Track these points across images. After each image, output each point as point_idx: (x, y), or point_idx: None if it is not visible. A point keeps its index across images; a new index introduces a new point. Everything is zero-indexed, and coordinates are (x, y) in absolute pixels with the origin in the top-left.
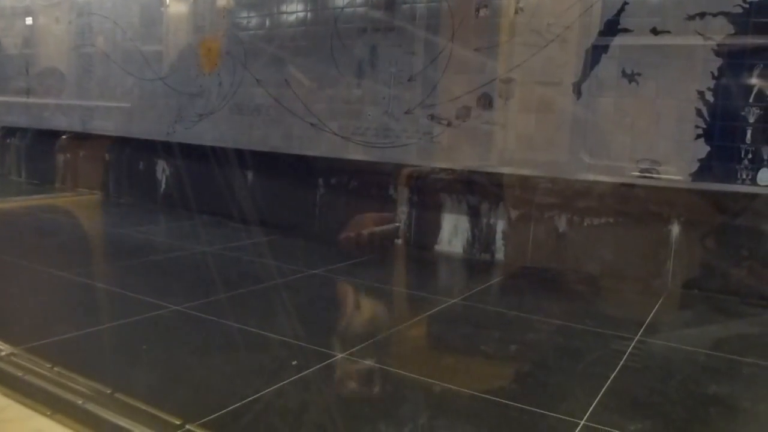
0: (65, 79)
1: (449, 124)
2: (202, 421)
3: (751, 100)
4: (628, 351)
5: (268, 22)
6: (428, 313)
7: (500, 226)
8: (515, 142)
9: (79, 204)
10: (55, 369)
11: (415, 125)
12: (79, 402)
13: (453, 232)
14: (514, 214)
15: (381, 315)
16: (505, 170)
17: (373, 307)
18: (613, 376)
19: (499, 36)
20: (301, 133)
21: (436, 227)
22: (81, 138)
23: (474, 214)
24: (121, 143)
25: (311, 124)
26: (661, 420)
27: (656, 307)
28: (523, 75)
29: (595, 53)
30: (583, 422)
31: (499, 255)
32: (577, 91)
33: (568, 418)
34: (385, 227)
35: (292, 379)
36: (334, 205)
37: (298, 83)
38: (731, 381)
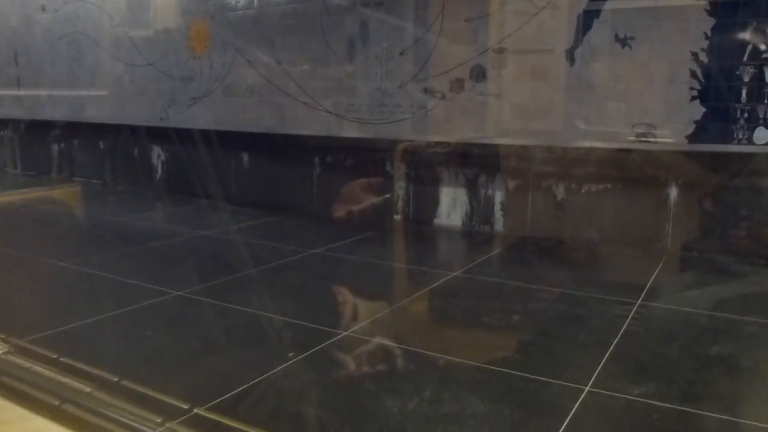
0: (55, 68)
1: (443, 97)
2: (210, 404)
3: (745, 59)
4: (630, 315)
5: (256, 2)
6: (430, 287)
7: (498, 197)
8: (510, 113)
9: (75, 194)
10: (61, 359)
11: (409, 99)
12: (87, 390)
13: (451, 206)
14: (511, 184)
15: (383, 291)
16: (501, 141)
17: (375, 283)
18: (615, 341)
19: (490, 5)
20: (294, 112)
21: (435, 201)
22: (74, 127)
23: (471, 187)
24: (115, 131)
25: (304, 103)
26: (664, 383)
27: (656, 270)
28: (516, 44)
29: (587, 18)
30: (587, 388)
31: (498, 226)
32: (571, 57)
33: (572, 385)
34: (375, 200)
35: (298, 359)
36: (331, 183)
37: (290, 62)
38: (733, 341)
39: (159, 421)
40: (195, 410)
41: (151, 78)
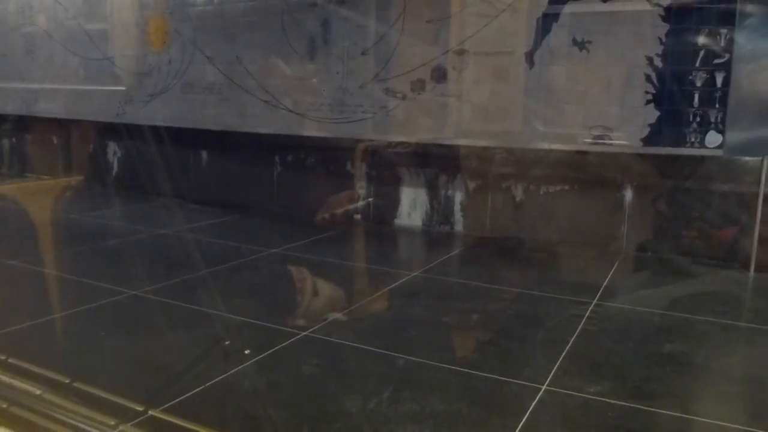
0: (6, 60)
1: (404, 98)
2: (166, 406)
3: (697, 65)
4: (586, 315)
5: None
6: (390, 287)
7: (458, 197)
8: (470, 114)
9: (27, 190)
10: (10, 361)
11: (370, 99)
12: (38, 392)
13: (412, 206)
14: (471, 185)
15: (343, 291)
16: (462, 142)
17: (335, 283)
18: (572, 340)
19: (451, 7)
20: (254, 110)
21: (395, 201)
22: (26, 121)
23: (432, 187)
24: (70, 126)
25: (265, 102)
26: (619, 381)
27: (612, 270)
28: (476, 46)
29: (546, 22)
30: (544, 387)
31: (458, 226)
32: (530, 60)
33: (530, 384)
34: (357, 204)
35: (257, 359)
36: (291, 182)
37: (250, 60)
38: (685, 339)
39: (113, 423)
40: (150, 412)
41: (107, 73)
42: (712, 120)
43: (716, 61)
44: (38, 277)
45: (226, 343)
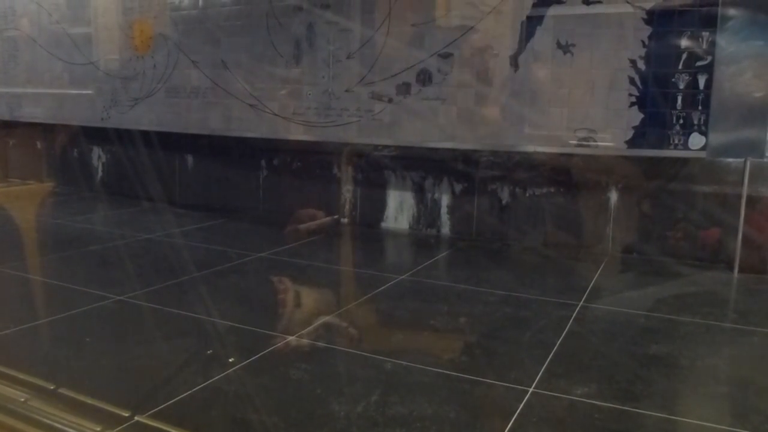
0: None
1: (390, 101)
2: (152, 412)
3: (680, 67)
4: (573, 317)
5: (201, 1)
6: (377, 290)
7: (444, 200)
8: (456, 117)
9: (10, 195)
10: None
11: (356, 103)
12: (22, 399)
13: (398, 209)
14: (457, 188)
15: (330, 295)
16: (447, 145)
17: (321, 287)
18: (558, 342)
19: (436, 10)
20: (240, 114)
21: (382, 205)
22: (10, 126)
23: (418, 190)
24: (54, 130)
25: (250, 105)
26: (605, 382)
27: (598, 272)
28: (461, 49)
29: (530, 25)
30: (531, 389)
31: (445, 229)
32: (515, 63)
33: (517, 387)
34: (324, 220)
35: (243, 364)
36: (278, 187)
37: (236, 64)
38: (670, 340)
39: (98, 429)
40: (136, 418)
41: (91, 77)
42: (695, 122)
43: (699, 63)
44: (23, 283)
45: (213, 348)
